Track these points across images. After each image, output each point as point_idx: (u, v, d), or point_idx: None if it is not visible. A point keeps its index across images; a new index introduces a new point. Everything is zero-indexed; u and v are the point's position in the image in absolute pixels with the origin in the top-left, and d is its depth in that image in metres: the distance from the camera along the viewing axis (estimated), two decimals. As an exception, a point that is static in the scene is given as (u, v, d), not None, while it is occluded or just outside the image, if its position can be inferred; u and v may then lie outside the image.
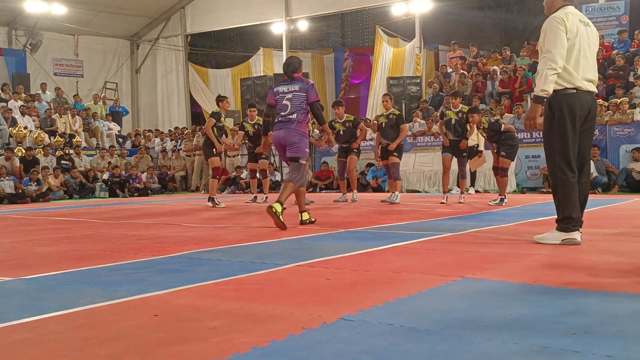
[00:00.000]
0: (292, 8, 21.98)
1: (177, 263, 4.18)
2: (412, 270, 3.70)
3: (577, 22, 4.67)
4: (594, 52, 4.81)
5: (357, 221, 7.09)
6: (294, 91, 6.76)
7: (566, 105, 4.62)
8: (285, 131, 6.75)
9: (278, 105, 6.84)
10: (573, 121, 4.61)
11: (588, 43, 4.70)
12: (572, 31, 4.61)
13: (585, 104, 4.65)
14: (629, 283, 3.23)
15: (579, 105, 4.61)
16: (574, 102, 4.61)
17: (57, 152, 16.97)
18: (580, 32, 4.64)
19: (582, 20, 4.76)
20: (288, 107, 6.76)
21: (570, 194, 4.62)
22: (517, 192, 13.51)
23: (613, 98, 14.12)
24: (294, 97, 6.74)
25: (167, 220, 7.89)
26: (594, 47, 4.80)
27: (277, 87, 6.93)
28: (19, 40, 22.24)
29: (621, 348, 2.11)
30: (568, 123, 4.61)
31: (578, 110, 4.61)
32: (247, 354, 2.13)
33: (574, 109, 4.60)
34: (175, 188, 18.31)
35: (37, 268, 4.08)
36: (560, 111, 4.63)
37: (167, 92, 25.32)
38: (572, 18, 4.66)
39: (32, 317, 2.70)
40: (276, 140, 6.89)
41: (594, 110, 4.75)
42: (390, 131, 10.43)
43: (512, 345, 2.17)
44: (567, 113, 4.61)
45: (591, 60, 4.75)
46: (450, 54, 20.17)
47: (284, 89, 6.83)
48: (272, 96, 6.91)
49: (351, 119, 10.77)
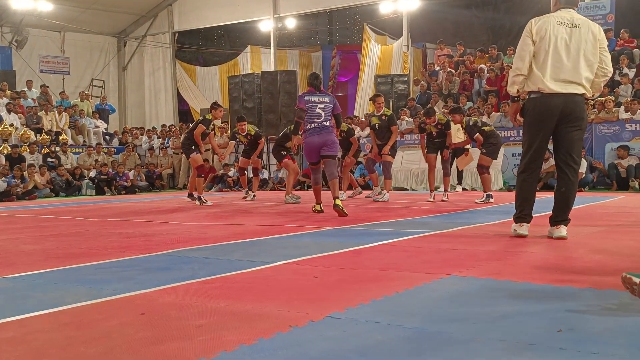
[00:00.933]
0: (280, 5, 21.96)
1: (163, 261, 4.17)
2: (399, 268, 3.70)
3: (552, 25, 4.73)
4: (578, 52, 4.73)
5: (344, 219, 7.09)
6: (326, 102, 7.99)
7: (529, 109, 4.89)
8: (322, 135, 7.92)
9: (310, 113, 7.91)
10: (534, 123, 4.85)
11: (567, 44, 4.71)
12: (538, 34, 4.74)
13: (553, 106, 4.74)
14: (614, 280, 3.24)
15: (544, 107, 4.76)
16: (536, 106, 4.82)
17: (43, 149, 16.86)
18: (550, 34, 4.70)
19: (568, 23, 4.75)
20: (322, 115, 7.92)
21: (518, 190, 5.06)
22: (504, 189, 13.57)
23: (599, 97, 14.21)
24: (326, 108, 7.96)
25: (154, 218, 7.86)
26: (579, 48, 4.72)
27: (308, 97, 7.98)
28: (4, 37, 22.07)
29: (606, 345, 2.13)
30: (532, 125, 4.88)
31: (540, 114, 4.79)
32: (234, 352, 2.12)
33: (537, 112, 4.82)
34: (162, 186, 18.25)
35: (22, 266, 4.05)
36: (526, 114, 4.93)
37: (155, 89, 25.21)
38: (544, 21, 4.76)
39: (17, 316, 2.68)
40: (311, 144, 7.98)
41: (569, 110, 4.75)
42: (383, 131, 10.45)
43: (499, 342, 2.18)
44: (529, 116, 4.89)
45: (572, 61, 4.72)
46: (437, 52, 20.22)
47: (315, 99, 7.97)
48: (303, 103, 7.95)
49: (345, 130, 10.77)
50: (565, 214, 4.89)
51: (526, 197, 5.01)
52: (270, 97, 18.24)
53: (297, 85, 18.98)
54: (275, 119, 17.86)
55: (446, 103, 16.92)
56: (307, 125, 7.94)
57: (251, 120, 18.53)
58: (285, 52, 24.14)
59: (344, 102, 25.07)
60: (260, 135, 11.84)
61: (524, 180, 4.99)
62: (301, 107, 7.96)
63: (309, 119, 7.92)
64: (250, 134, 11.51)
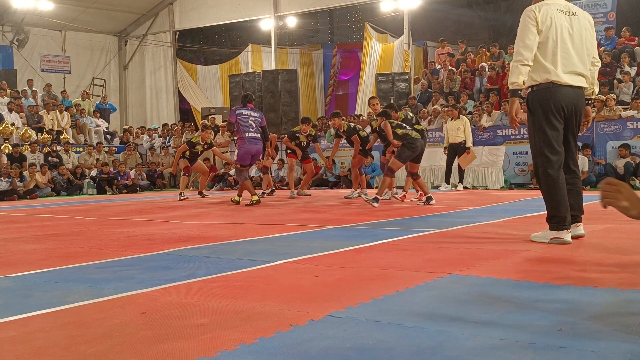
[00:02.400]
0: (281, 4, 21.94)
1: (164, 260, 4.17)
2: (399, 266, 3.70)
3: (554, 13, 4.49)
4: (582, 42, 4.56)
5: (345, 218, 7.09)
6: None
7: (539, 101, 4.53)
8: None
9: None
10: (548, 117, 4.49)
11: (571, 33, 4.50)
12: (544, 22, 4.46)
13: (566, 99, 4.48)
14: (615, 279, 3.25)
15: (556, 100, 4.46)
16: (548, 98, 4.48)
17: (44, 148, 16.87)
18: (556, 23, 4.47)
19: (566, 10, 4.56)
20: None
21: (553, 192, 4.52)
22: (505, 188, 13.56)
23: (600, 94, 14.19)
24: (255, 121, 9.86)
25: (155, 217, 7.86)
26: (581, 37, 4.56)
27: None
28: (5, 36, 22.07)
29: (607, 344, 2.13)
30: (543, 120, 4.51)
31: (554, 106, 4.47)
32: (235, 351, 2.13)
33: (549, 104, 4.47)
34: (163, 185, 18.25)
35: (23, 266, 4.06)
36: (535, 108, 4.56)
37: (156, 88, 25.21)
38: (546, 9, 4.49)
39: (18, 315, 2.69)
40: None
41: (580, 105, 4.57)
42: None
43: (499, 341, 2.18)
44: (540, 109, 4.52)
45: (577, 51, 4.53)
46: (438, 50, 20.20)
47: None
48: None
49: (345, 129, 10.78)
50: (579, 212, 4.72)
51: (561, 198, 4.50)
52: (271, 96, 18.26)
53: (298, 84, 19.01)
54: (276, 118, 17.88)
55: (447, 101, 16.92)
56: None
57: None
58: (286, 50, 24.12)
59: (345, 100, 25.07)
60: (267, 133, 11.94)
61: (556, 179, 4.49)
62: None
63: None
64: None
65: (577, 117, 4.60)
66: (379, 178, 14.41)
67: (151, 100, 25.33)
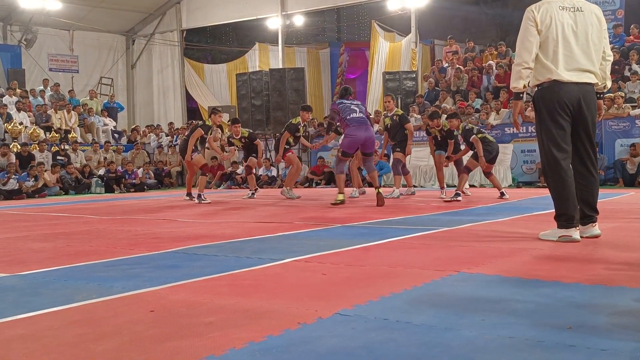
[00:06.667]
0: (288, 3, 21.93)
1: (173, 258, 4.18)
2: (407, 265, 3.70)
3: (555, 11, 4.45)
4: (587, 38, 4.49)
5: (352, 216, 7.09)
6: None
7: (544, 100, 4.51)
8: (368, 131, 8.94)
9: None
10: (553, 115, 4.45)
11: (574, 30, 4.45)
12: (543, 22, 4.43)
13: (570, 96, 4.42)
14: (625, 277, 3.23)
15: (559, 98, 4.42)
16: (552, 96, 4.45)
17: (52, 147, 16.94)
18: (557, 21, 4.43)
19: (569, 7, 4.50)
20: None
21: (561, 190, 4.48)
22: (512, 186, 13.53)
23: (608, 92, 14.13)
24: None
25: (163, 216, 7.88)
26: (586, 33, 4.49)
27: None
28: (13, 35, 22.15)
29: (616, 342, 2.12)
30: (548, 119, 4.48)
31: (558, 104, 4.42)
32: (243, 350, 2.13)
33: (553, 102, 4.44)
34: (171, 183, 18.31)
35: (32, 264, 4.07)
36: (540, 107, 4.54)
37: (163, 87, 25.24)
38: (546, 8, 4.46)
39: (27, 314, 2.70)
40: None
41: (588, 100, 4.48)
42: (394, 131, 10.42)
43: (507, 339, 2.17)
44: (545, 108, 4.49)
45: (581, 48, 4.47)
46: (446, 48, 20.16)
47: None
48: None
49: (313, 123, 10.71)
50: (593, 212, 4.65)
51: (569, 196, 4.45)
52: (279, 95, 18.25)
53: (305, 82, 18.99)
54: (283, 117, 17.86)
55: (454, 100, 16.88)
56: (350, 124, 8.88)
57: (259, 118, 18.60)
58: (293, 49, 24.11)
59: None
60: (255, 137, 11.76)
61: (564, 177, 4.44)
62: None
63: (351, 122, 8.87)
64: (244, 137, 11.45)
65: (589, 114, 4.52)
66: (387, 176, 14.41)
67: (158, 99, 25.37)
